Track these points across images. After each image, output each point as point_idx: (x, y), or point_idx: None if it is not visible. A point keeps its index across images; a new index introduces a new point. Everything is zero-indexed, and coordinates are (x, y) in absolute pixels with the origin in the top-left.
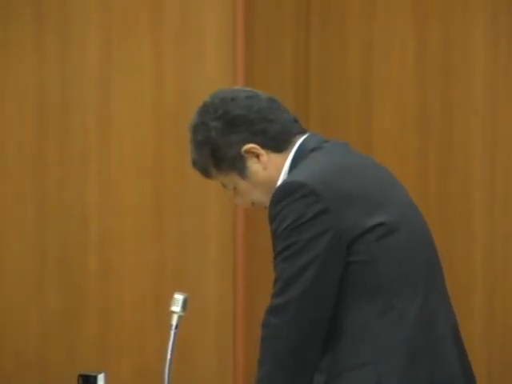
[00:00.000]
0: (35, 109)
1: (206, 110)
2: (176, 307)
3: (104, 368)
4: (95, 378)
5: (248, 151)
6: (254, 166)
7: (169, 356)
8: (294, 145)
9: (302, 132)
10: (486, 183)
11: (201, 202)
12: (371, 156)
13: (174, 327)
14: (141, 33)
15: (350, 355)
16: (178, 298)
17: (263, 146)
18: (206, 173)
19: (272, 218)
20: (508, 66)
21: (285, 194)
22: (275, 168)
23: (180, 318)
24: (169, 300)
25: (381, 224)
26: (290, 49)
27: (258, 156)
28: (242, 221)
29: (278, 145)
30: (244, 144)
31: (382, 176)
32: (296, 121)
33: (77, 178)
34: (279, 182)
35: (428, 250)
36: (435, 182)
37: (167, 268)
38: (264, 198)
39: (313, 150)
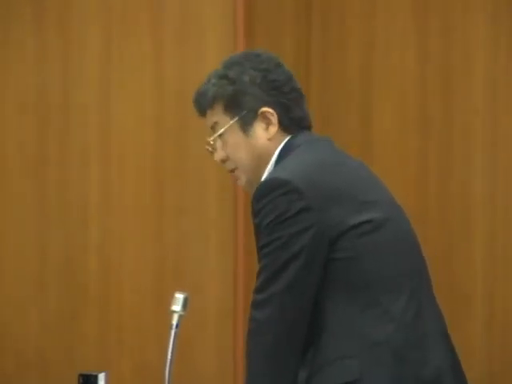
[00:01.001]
0: (36, 109)
1: (251, 57)
2: (176, 306)
3: (105, 367)
4: (96, 378)
5: (265, 114)
6: (259, 129)
7: (169, 356)
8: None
9: (308, 129)
10: (486, 183)
11: (201, 202)
12: (361, 157)
13: (174, 326)
14: (141, 33)
15: (333, 350)
16: (179, 297)
17: (279, 121)
18: (207, 104)
19: (255, 213)
20: (508, 65)
21: (268, 190)
22: (275, 146)
23: (180, 317)
24: (169, 300)
25: (367, 221)
26: (290, 49)
27: (268, 124)
28: (242, 220)
29: (289, 128)
30: (266, 106)
31: (367, 176)
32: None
33: (77, 177)
34: (265, 173)
35: (413, 250)
36: (435, 181)
37: (168, 268)
38: (246, 164)
39: (299, 145)
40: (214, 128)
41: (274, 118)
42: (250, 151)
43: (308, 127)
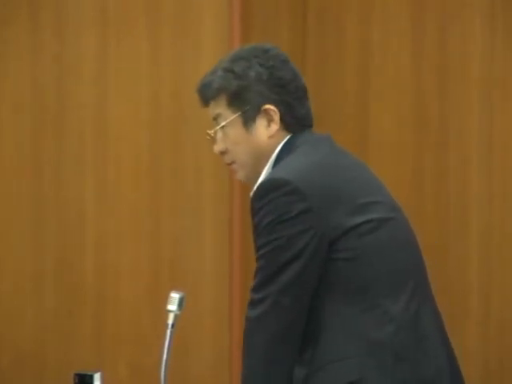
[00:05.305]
0: (32, 108)
1: (259, 53)
2: (172, 306)
3: (100, 367)
4: (91, 377)
5: (268, 111)
6: (261, 126)
7: (165, 355)
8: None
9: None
10: (483, 183)
11: (197, 202)
12: (357, 156)
13: (170, 326)
14: (137, 32)
15: (333, 350)
16: (175, 296)
17: (281, 119)
18: (211, 95)
19: (255, 212)
20: (504, 65)
21: (269, 190)
22: (275, 144)
23: (176, 316)
24: (165, 300)
25: (367, 222)
26: (286, 49)
27: (270, 122)
28: (238, 220)
29: (291, 126)
30: (269, 103)
31: (367, 176)
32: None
33: (73, 177)
34: (264, 171)
35: (412, 250)
36: (431, 181)
37: (164, 267)
38: (244, 159)
39: (300, 145)
40: (216, 119)
41: (277, 116)
42: (250, 147)
43: (310, 125)
